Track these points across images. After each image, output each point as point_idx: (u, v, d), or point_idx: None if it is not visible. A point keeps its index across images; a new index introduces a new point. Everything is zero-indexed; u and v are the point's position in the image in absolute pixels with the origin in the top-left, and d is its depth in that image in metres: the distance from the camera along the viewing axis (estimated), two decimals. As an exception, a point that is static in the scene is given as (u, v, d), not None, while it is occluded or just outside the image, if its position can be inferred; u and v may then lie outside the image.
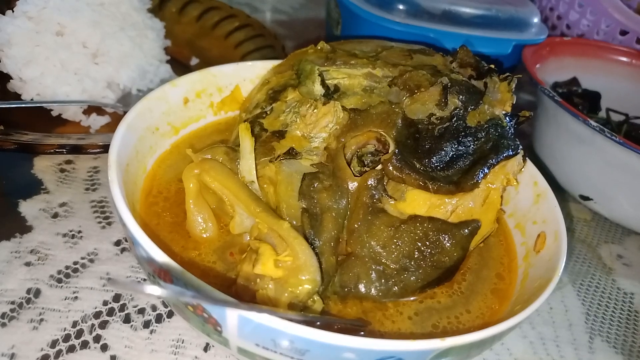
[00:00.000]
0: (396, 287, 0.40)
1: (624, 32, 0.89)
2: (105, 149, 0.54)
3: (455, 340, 0.31)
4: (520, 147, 0.45)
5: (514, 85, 0.46)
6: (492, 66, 0.48)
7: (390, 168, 0.40)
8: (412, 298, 0.42)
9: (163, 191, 0.46)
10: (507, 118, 0.45)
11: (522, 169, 0.47)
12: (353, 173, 0.41)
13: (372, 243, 0.40)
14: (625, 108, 0.78)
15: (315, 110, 0.43)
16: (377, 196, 0.41)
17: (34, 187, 0.54)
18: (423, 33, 0.71)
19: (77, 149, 0.53)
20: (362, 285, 0.40)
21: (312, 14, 1.09)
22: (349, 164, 0.41)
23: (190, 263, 0.41)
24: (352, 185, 0.42)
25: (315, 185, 0.41)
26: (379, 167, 0.41)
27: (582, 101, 0.78)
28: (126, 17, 0.68)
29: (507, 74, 0.47)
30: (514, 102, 0.46)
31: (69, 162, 0.58)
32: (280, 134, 0.43)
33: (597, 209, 0.67)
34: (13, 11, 0.61)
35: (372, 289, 0.40)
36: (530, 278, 0.43)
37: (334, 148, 0.42)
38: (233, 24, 0.82)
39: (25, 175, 0.55)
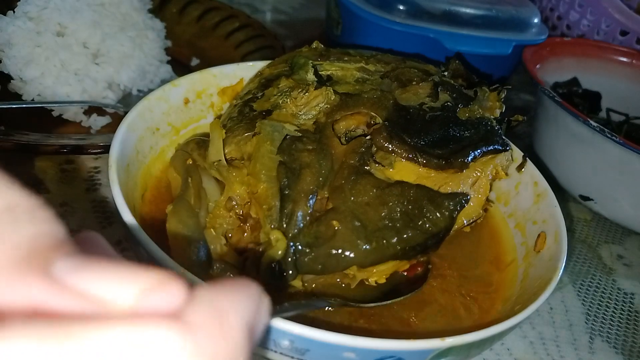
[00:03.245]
0: (375, 244, 0.37)
1: (624, 33, 0.89)
2: (106, 149, 0.54)
3: (455, 340, 0.31)
4: (509, 146, 0.45)
5: (503, 96, 0.47)
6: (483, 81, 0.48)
7: (380, 139, 0.40)
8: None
9: (163, 191, 0.47)
10: (495, 121, 0.46)
11: (522, 170, 0.48)
12: (340, 142, 0.40)
13: (356, 199, 0.38)
14: (626, 108, 0.78)
15: (307, 94, 0.42)
16: (364, 159, 0.40)
17: (34, 187, 0.54)
18: (423, 33, 0.71)
19: (78, 150, 0.53)
20: (339, 237, 0.37)
21: (312, 14, 1.09)
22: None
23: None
24: (339, 151, 0.40)
25: (298, 145, 0.39)
26: (368, 137, 0.40)
27: (583, 101, 0.78)
28: (126, 17, 0.69)
29: (497, 85, 0.47)
30: (503, 111, 0.47)
31: (69, 162, 0.58)
32: (268, 112, 0.42)
33: (597, 209, 0.67)
34: (14, 12, 0.61)
35: (349, 243, 0.37)
36: (530, 278, 0.43)
37: (323, 122, 0.42)
38: (233, 25, 0.82)
39: (25, 175, 0.55)
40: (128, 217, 0.35)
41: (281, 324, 0.29)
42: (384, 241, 0.37)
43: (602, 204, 0.65)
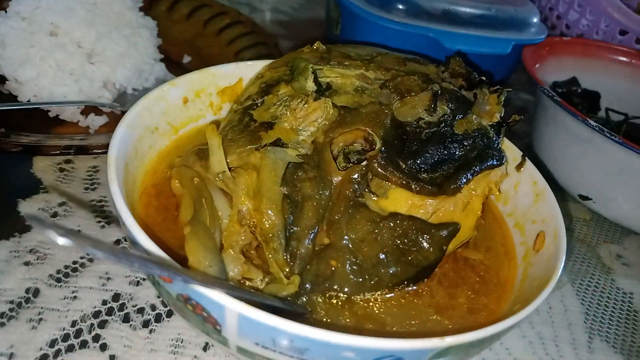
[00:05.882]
0: (370, 282, 0.40)
1: (623, 32, 0.89)
2: (105, 148, 0.54)
3: (454, 340, 0.31)
4: (505, 158, 0.45)
5: (503, 99, 0.47)
6: (483, 78, 0.48)
7: (375, 165, 0.41)
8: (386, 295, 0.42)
9: (162, 191, 0.46)
10: (493, 130, 0.46)
11: (522, 169, 0.47)
12: (337, 167, 0.41)
13: (351, 236, 0.40)
14: (625, 108, 0.78)
15: (306, 105, 0.43)
16: (359, 191, 0.41)
17: (33, 187, 0.54)
18: (423, 33, 0.71)
19: (81, 150, 0.53)
20: (337, 275, 0.40)
21: (312, 14, 1.09)
22: (334, 160, 0.42)
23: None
24: (336, 179, 0.42)
25: (299, 174, 0.40)
26: (364, 163, 0.41)
27: (582, 101, 0.78)
28: (119, 16, 0.68)
29: (498, 86, 0.47)
30: (502, 114, 0.47)
31: (68, 161, 0.58)
32: (269, 125, 0.43)
33: (597, 209, 0.67)
34: (6, 12, 0.61)
35: (346, 281, 0.40)
36: (529, 277, 0.43)
37: (321, 142, 0.42)
38: (224, 21, 0.81)
39: (24, 175, 0.55)
40: (127, 216, 0.35)
41: (281, 323, 0.29)
42: (377, 278, 0.40)
43: (601, 204, 0.65)
